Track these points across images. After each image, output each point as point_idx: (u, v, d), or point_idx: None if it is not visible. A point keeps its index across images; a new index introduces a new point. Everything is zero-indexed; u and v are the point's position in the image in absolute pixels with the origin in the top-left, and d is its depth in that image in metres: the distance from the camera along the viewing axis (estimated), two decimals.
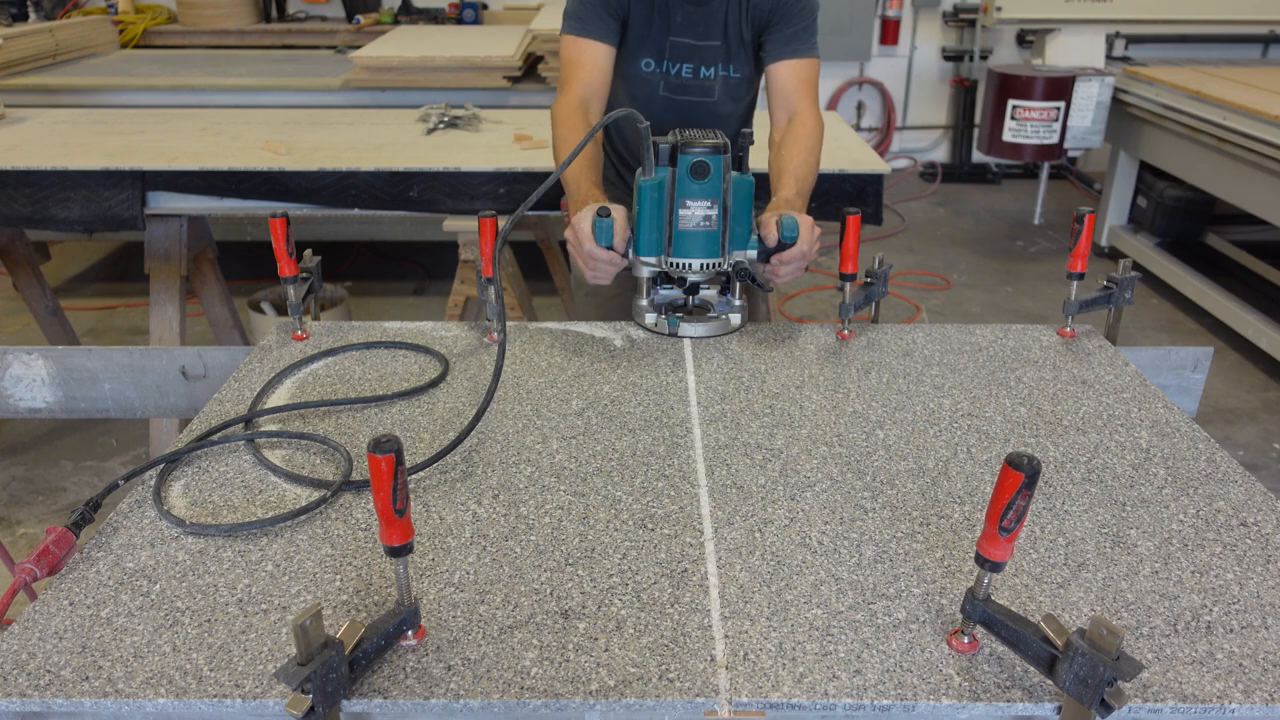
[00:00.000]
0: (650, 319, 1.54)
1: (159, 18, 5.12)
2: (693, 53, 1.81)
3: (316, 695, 0.75)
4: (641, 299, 1.56)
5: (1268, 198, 3.62)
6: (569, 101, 1.73)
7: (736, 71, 1.86)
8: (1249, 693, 0.81)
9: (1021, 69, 4.98)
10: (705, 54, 1.82)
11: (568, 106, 1.72)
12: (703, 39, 1.79)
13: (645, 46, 1.81)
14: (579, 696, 0.81)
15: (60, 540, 0.97)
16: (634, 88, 1.87)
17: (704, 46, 1.80)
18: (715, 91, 1.87)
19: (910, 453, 1.19)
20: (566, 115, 1.71)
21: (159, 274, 2.74)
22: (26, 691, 0.81)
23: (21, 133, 2.83)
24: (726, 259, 1.47)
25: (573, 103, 1.72)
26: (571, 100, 1.73)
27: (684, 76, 1.84)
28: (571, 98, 1.73)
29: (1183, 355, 1.50)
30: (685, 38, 1.79)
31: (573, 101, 1.73)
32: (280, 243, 1.41)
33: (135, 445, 3.14)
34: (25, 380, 1.54)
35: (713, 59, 1.83)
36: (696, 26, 1.78)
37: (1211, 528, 1.04)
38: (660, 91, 1.86)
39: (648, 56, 1.82)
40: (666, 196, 1.45)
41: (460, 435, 1.15)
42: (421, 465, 1.13)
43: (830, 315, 4.23)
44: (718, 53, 1.82)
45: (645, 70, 1.83)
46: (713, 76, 1.85)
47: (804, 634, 0.88)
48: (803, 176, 1.74)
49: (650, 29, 1.79)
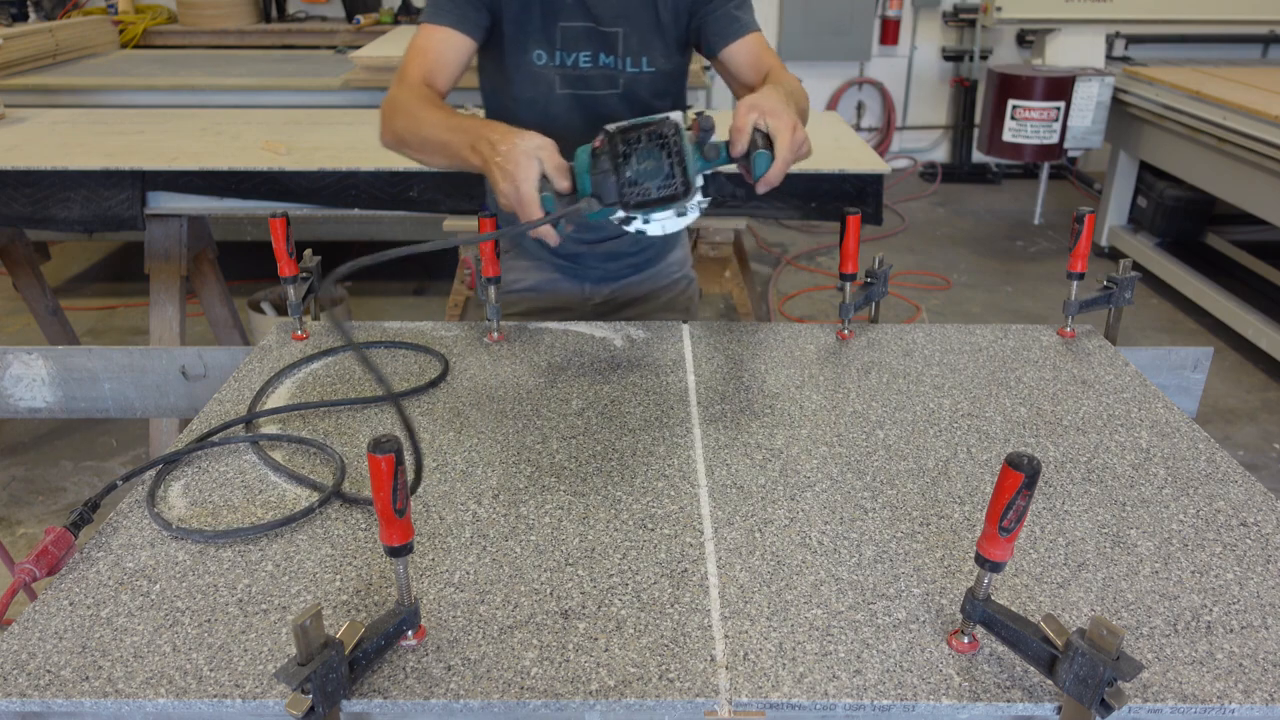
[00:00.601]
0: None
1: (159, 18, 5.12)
2: (589, 38, 1.55)
3: (316, 695, 0.75)
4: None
5: (1268, 198, 3.62)
6: (409, 85, 1.48)
7: (651, 64, 1.58)
8: (1249, 693, 0.81)
9: (1021, 69, 4.98)
10: (606, 40, 1.55)
11: (408, 89, 1.47)
12: (601, 22, 1.54)
13: (532, 35, 1.55)
14: (579, 696, 0.81)
15: (59, 540, 0.97)
16: (526, 87, 1.61)
17: (604, 32, 1.54)
18: (620, 84, 1.59)
19: (910, 453, 1.19)
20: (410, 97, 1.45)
21: (159, 274, 2.74)
22: (26, 691, 0.81)
23: (21, 133, 2.83)
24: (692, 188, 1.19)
25: (413, 85, 1.48)
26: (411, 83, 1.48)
27: (582, 67, 1.58)
28: (411, 81, 1.49)
29: (1183, 355, 1.50)
30: (578, 20, 1.54)
31: (413, 84, 1.48)
32: (280, 243, 1.41)
33: (135, 445, 3.14)
34: (25, 380, 1.54)
35: (615, 46, 1.56)
36: (592, 7, 1.52)
37: (1211, 528, 1.04)
38: (557, 89, 1.58)
39: (538, 48, 1.56)
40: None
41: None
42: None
43: (830, 315, 4.23)
44: (622, 40, 1.56)
45: (538, 64, 1.57)
46: (616, 67, 1.57)
47: (804, 634, 0.88)
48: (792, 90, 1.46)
49: (532, 13, 1.54)
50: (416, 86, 1.48)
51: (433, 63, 1.51)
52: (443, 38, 1.52)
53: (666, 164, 1.13)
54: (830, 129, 2.99)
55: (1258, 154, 3.57)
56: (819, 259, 4.96)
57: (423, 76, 1.50)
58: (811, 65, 6.43)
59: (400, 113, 1.45)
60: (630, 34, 1.54)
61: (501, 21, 1.54)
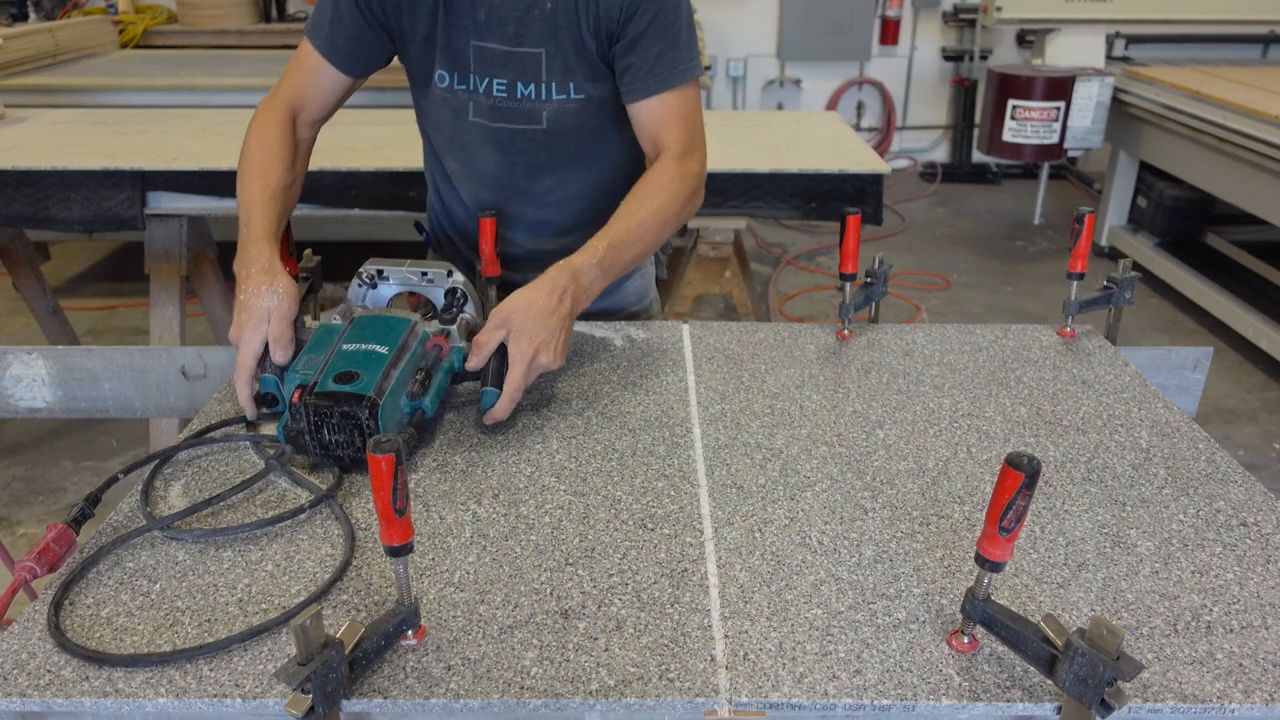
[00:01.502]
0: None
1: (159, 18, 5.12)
2: (507, 63, 1.38)
3: (316, 695, 0.75)
4: None
5: (1268, 198, 3.62)
6: (275, 106, 1.43)
7: (579, 91, 1.41)
8: (1249, 693, 0.81)
9: (1021, 69, 4.98)
10: (524, 64, 1.38)
11: (272, 111, 1.42)
12: (517, 43, 1.36)
13: (436, 54, 1.40)
14: (579, 696, 0.81)
15: (60, 537, 0.97)
16: (435, 114, 1.48)
17: (521, 54, 1.37)
18: (543, 118, 1.43)
19: (910, 453, 1.19)
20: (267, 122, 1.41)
21: (159, 274, 2.74)
22: (26, 691, 0.81)
23: (21, 133, 2.83)
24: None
25: (279, 108, 1.43)
26: (279, 105, 1.43)
27: (496, 95, 1.41)
28: (279, 102, 1.43)
29: (1183, 355, 1.50)
30: (492, 41, 1.36)
31: (279, 107, 1.43)
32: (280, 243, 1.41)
33: (135, 445, 3.14)
34: (25, 380, 1.54)
35: (535, 73, 1.38)
36: (505, 25, 1.35)
37: (1211, 528, 1.04)
38: (471, 116, 1.44)
39: (441, 68, 1.40)
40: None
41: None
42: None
43: (830, 315, 4.23)
44: (542, 64, 1.38)
45: (441, 87, 1.42)
46: (537, 97, 1.40)
47: (804, 634, 0.88)
48: (622, 244, 1.32)
49: (436, 28, 1.38)
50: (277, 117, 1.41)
51: (303, 89, 1.43)
52: (313, 65, 1.42)
53: (359, 439, 1.11)
54: (830, 129, 2.99)
55: (1258, 154, 3.57)
56: (819, 259, 4.96)
57: (291, 102, 1.43)
58: (811, 65, 6.44)
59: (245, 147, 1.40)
60: (554, 55, 1.38)
61: (410, 40, 1.41)
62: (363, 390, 1.09)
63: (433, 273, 1.34)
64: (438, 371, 1.22)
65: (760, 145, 2.75)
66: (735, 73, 6.41)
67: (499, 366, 1.23)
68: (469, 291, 1.33)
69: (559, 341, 1.22)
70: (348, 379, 1.11)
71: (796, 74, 6.47)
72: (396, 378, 1.14)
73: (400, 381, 1.15)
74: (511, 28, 1.35)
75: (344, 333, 1.19)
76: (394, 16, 1.39)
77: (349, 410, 1.08)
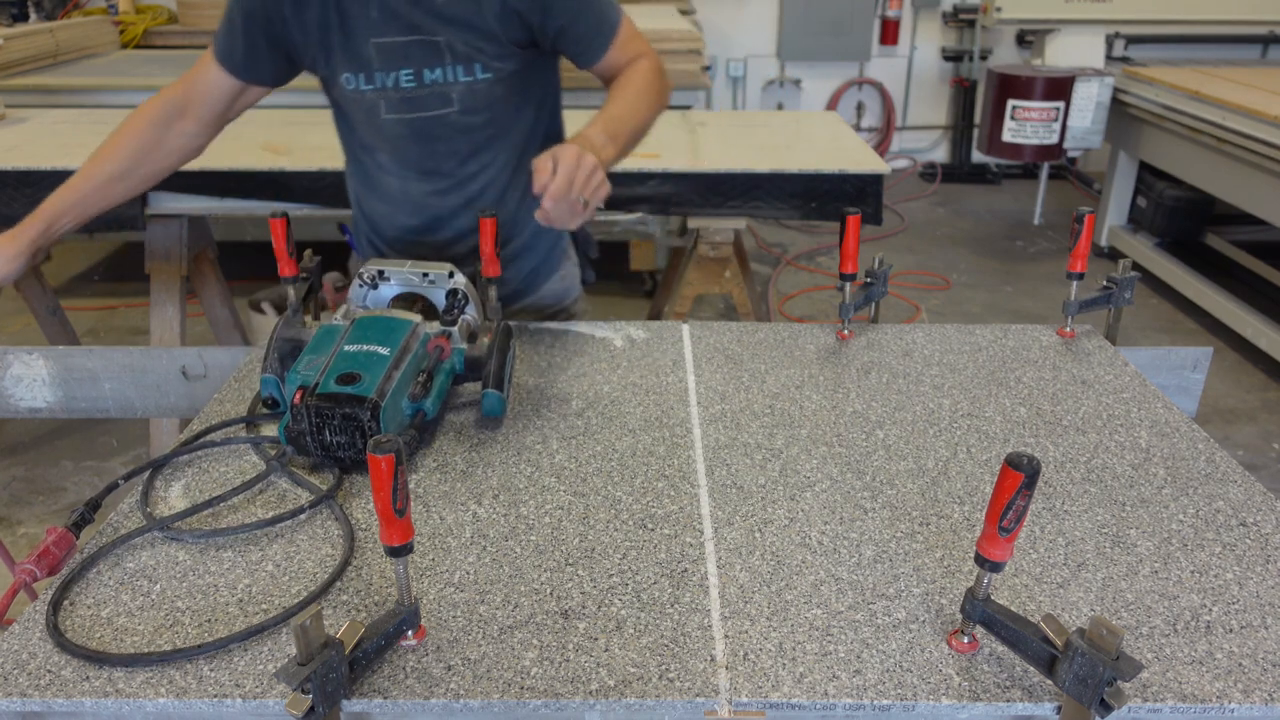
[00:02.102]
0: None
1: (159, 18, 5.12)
2: (409, 53, 1.41)
3: (316, 695, 0.75)
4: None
5: (1268, 198, 3.62)
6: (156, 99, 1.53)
7: (486, 70, 1.44)
8: (1248, 692, 0.81)
9: (1021, 69, 4.98)
10: (429, 51, 1.41)
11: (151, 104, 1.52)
12: (415, 32, 1.40)
13: (337, 57, 1.44)
14: (579, 696, 0.81)
15: (60, 541, 0.97)
16: (355, 119, 1.52)
17: (422, 42, 1.40)
18: (454, 100, 1.46)
19: (910, 453, 1.19)
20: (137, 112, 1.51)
21: (159, 274, 2.74)
22: (27, 691, 0.81)
23: (22, 133, 2.83)
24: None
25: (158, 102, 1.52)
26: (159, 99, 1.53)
27: (404, 86, 1.44)
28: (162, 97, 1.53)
29: (1182, 355, 1.50)
30: (391, 35, 1.40)
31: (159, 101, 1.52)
32: (280, 243, 1.41)
33: (135, 445, 3.14)
34: (25, 380, 1.54)
35: (439, 57, 1.42)
36: (399, 18, 1.39)
37: (1211, 528, 1.04)
38: (384, 114, 1.47)
39: (346, 71, 1.44)
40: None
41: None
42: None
43: (830, 315, 4.23)
44: (444, 49, 1.41)
45: (349, 90, 1.46)
46: (445, 80, 1.44)
47: (804, 634, 0.88)
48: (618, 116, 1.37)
49: (331, 34, 1.42)
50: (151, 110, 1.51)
51: (191, 86, 1.51)
52: (209, 73, 1.50)
53: (360, 441, 1.11)
54: (830, 129, 2.99)
55: (1257, 154, 3.57)
56: (819, 259, 4.96)
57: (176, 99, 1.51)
58: (811, 65, 6.44)
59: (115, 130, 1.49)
60: (456, 39, 1.41)
61: (302, 51, 1.46)
62: (364, 392, 1.09)
63: (434, 274, 1.34)
64: (439, 373, 1.22)
65: (760, 145, 2.75)
66: (735, 73, 6.41)
67: (499, 367, 1.23)
68: (470, 293, 1.33)
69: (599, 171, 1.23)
70: (349, 380, 1.11)
71: (796, 74, 6.47)
72: (398, 379, 1.14)
73: (402, 383, 1.15)
74: (408, 19, 1.39)
75: (345, 334, 1.19)
76: (282, 30, 1.44)
77: (350, 412, 1.08)
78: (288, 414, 1.13)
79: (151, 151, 1.53)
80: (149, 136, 1.51)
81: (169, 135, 1.53)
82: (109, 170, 1.50)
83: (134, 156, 1.51)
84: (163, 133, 1.52)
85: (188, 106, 1.52)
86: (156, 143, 1.52)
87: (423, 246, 1.62)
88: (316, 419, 1.10)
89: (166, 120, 1.52)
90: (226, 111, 1.55)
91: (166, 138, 1.53)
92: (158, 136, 1.52)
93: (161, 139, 1.52)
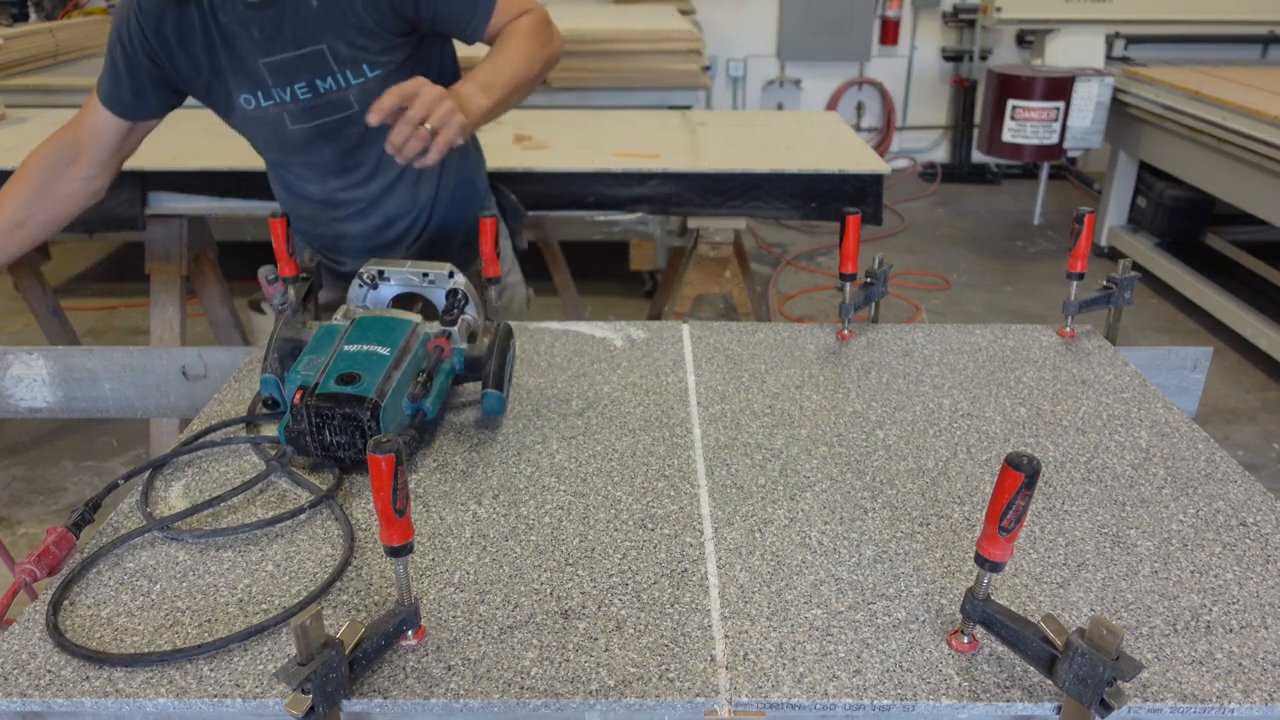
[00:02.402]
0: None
1: None
2: (299, 67, 1.45)
3: (316, 695, 0.75)
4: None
5: (1268, 198, 3.62)
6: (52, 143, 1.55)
7: (374, 68, 1.49)
8: (1249, 692, 0.81)
9: (1021, 69, 4.98)
10: (313, 63, 1.46)
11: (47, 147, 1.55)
12: (299, 46, 1.44)
13: (231, 82, 1.48)
14: (579, 696, 0.81)
15: (60, 541, 0.97)
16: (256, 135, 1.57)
17: (306, 55, 1.45)
18: (353, 102, 1.51)
19: (910, 453, 1.19)
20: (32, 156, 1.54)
21: (159, 274, 2.74)
22: (27, 691, 0.81)
23: (22, 133, 2.83)
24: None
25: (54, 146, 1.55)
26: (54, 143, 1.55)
27: (302, 99, 1.49)
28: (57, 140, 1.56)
29: (1182, 355, 1.50)
30: (278, 52, 1.44)
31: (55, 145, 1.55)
32: (280, 243, 1.41)
33: (135, 445, 3.14)
34: (25, 380, 1.54)
35: (325, 66, 1.46)
36: (281, 35, 1.43)
37: (1211, 528, 1.04)
38: (290, 126, 1.52)
39: (244, 93, 1.48)
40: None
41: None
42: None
43: (830, 315, 4.23)
44: (328, 57, 1.46)
45: (250, 110, 1.50)
46: (338, 86, 1.49)
47: (804, 634, 0.88)
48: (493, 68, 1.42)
49: (220, 59, 1.46)
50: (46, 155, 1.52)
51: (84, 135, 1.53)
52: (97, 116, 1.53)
53: (360, 441, 1.11)
54: (830, 129, 2.99)
55: (1258, 154, 3.57)
56: (819, 259, 4.96)
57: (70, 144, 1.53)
58: (811, 65, 6.44)
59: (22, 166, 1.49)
60: (337, 44, 1.45)
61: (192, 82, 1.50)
62: (364, 392, 1.09)
63: (434, 274, 1.34)
64: (439, 373, 1.22)
65: (760, 145, 2.75)
66: (735, 73, 6.41)
67: (499, 367, 1.23)
68: (470, 293, 1.33)
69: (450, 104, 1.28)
70: (349, 380, 1.11)
71: (796, 74, 6.47)
72: (398, 379, 1.14)
73: (402, 383, 1.15)
74: (289, 34, 1.43)
75: (345, 334, 1.19)
76: (169, 66, 1.47)
77: (350, 412, 1.08)
78: (288, 414, 1.13)
79: (44, 198, 1.54)
80: (40, 183, 1.53)
81: (61, 181, 1.54)
82: (6, 218, 1.52)
83: (28, 205, 1.53)
84: (54, 179, 1.54)
85: (79, 151, 1.55)
86: (49, 189, 1.53)
87: (377, 249, 1.68)
88: (316, 419, 1.10)
89: (57, 167, 1.54)
90: (119, 150, 1.59)
91: (59, 184, 1.54)
92: (49, 183, 1.53)
93: (54, 185, 1.54)
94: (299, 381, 1.13)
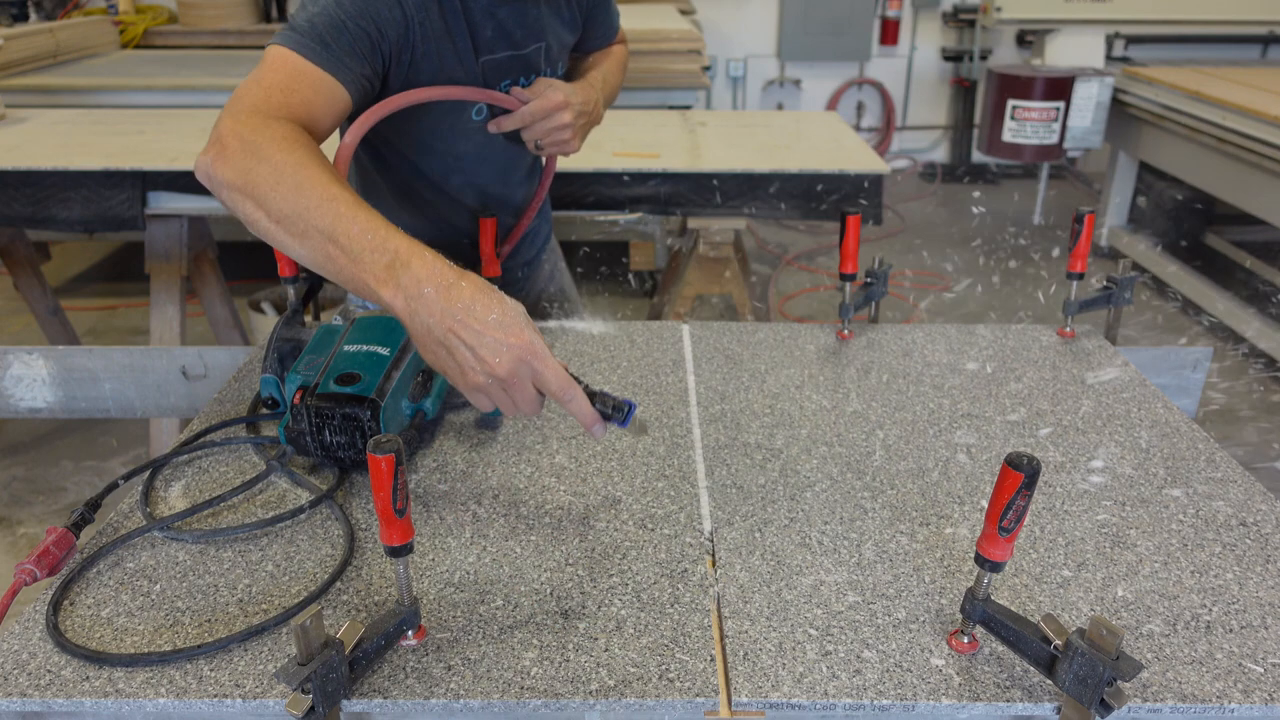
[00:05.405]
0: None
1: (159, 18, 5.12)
2: (510, 66, 1.38)
3: (316, 695, 0.75)
4: None
5: (1268, 198, 3.62)
6: (278, 120, 1.05)
7: (563, 65, 1.52)
8: (1249, 692, 0.81)
9: (1021, 69, 4.98)
10: (527, 63, 1.41)
11: (278, 128, 1.03)
12: (523, 44, 1.38)
13: (464, 85, 1.33)
14: (579, 696, 0.81)
15: (60, 541, 0.97)
16: (462, 142, 1.43)
17: (525, 54, 1.39)
18: None
19: (910, 453, 1.19)
20: (282, 139, 1.01)
21: (159, 274, 2.74)
22: (27, 691, 0.81)
23: (22, 133, 2.83)
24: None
25: (285, 124, 1.05)
26: (281, 122, 1.05)
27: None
28: (278, 119, 1.05)
29: (1183, 355, 1.50)
30: (502, 51, 1.36)
31: (284, 124, 1.05)
32: None
33: (135, 445, 3.14)
34: (25, 380, 1.54)
35: (536, 65, 1.42)
36: (514, 32, 1.36)
37: (1211, 528, 1.04)
38: (500, 136, 1.44)
39: (478, 101, 1.36)
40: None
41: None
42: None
43: (830, 315, 4.23)
44: (541, 57, 1.42)
45: (478, 119, 1.40)
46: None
47: (804, 634, 0.88)
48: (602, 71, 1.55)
49: (444, 63, 1.29)
50: (291, 127, 1.04)
51: (304, 110, 1.09)
52: (315, 83, 1.11)
53: (360, 441, 1.11)
54: (830, 129, 2.99)
55: (1258, 154, 3.57)
56: (819, 259, 4.96)
57: (302, 123, 1.09)
58: (811, 65, 6.44)
59: (266, 160, 0.98)
60: (552, 45, 1.44)
61: (415, 73, 1.27)
62: (364, 392, 1.09)
63: None
64: (439, 373, 1.22)
65: (760, 145, 2.75)
66: (735, 73, 6.41)
67: None
68: None
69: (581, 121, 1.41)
70: (349, 380, 1.11)
71: (796, 74, 6.47)
72: (398, 379, 1.14)
73: (402, 383, 1.15)
74: (520, 33, 1.38)
75: (345, 334, 1.19)
76: (391, 53, 1.22)
77: (350, 412, 1.08)
78: (287, 414, 1.13)
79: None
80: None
81: None
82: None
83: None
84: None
85: (313, 137, 1.14)
86: None
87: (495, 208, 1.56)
88: (316, 419, 1.10)
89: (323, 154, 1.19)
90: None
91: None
92: None
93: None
94: (299, 381, 1.13)
